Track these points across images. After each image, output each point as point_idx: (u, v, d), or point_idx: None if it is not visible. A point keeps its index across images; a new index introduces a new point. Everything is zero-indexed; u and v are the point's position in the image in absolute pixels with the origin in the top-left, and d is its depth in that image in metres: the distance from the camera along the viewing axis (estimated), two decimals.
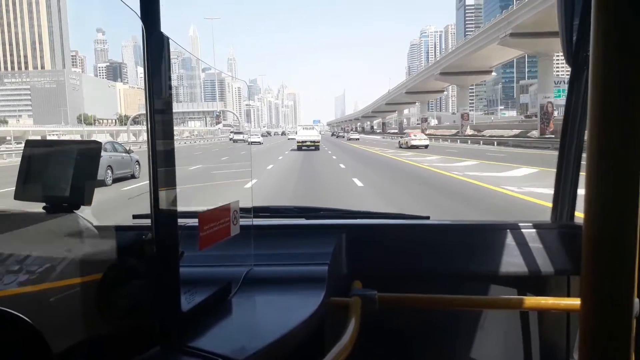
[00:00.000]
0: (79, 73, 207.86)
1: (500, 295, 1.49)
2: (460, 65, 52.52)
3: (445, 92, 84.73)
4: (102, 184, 9.29)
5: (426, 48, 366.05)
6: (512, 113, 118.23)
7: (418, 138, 32.25)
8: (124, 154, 11.65)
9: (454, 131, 60.62)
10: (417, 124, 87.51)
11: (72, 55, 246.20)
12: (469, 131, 54.76)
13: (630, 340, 0.57)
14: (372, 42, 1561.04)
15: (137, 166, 11.52)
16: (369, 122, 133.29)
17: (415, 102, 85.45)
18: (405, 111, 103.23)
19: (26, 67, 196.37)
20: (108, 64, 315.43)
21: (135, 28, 0.71)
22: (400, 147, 31.96)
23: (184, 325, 0.84)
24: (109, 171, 10.16)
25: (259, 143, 40.01)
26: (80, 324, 0.79)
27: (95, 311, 0.79)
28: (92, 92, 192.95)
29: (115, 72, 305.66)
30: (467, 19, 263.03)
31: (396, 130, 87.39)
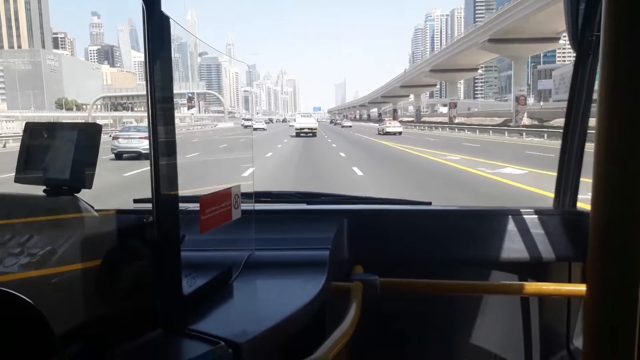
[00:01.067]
0: (59, 54, 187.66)
1: (501, 281, 1.52)
2: (448, 64, 58.50)
3: (437, 86, 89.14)
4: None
5: (431, 33, 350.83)
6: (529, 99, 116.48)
7: (392, 126, 37.41)
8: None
9: (440, 119, 67.42)
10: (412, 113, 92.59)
11: (61, 38, 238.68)
12: (458, 120, 60.22)
13: (636, 328, 0.57)
14: (374, 28, 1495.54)
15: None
16: (365, 111, 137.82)
17: (409, 95, 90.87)
18: (401, 103, 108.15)
19: (0, 47, 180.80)
20: (99, 47, 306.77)
21: (132, 10, 0.55)
22: (379, 134, 35.75)
23: (186, 308, 0.85)
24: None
25: (263, 129, 42.55)
26: (82, 306, 0.80)
27: (96, 293, 0.80)
28: (74, 74, 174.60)
29: (107, 55, 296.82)
30: (477, 2, 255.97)
31: (391, 119, 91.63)
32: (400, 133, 35.32)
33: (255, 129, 39.32)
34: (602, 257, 0.57)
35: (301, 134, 31.95)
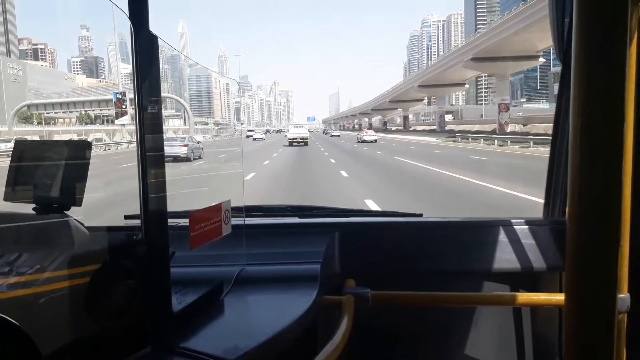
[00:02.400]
0: (23, 62, 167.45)
1: (493, 291, 1.52)
2: (435, 80, 61.24)
3: (424, 100, 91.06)
4: (188, 160, 16.15)
5: (428, 38, 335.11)
6: (540, 105, 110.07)
7: (368, 135, 42.65)
8: (197, 144, 19.46)
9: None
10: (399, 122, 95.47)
11: (41, 49, 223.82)
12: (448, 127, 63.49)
13: (614, 336, 0.58)
14: (369, 37, 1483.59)
15: (202, 151, 19.25)
16: (357, 120, 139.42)
17: (397, 109, 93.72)
18: (390, 115, 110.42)
19: None
20: (83, 58, 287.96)
21: (121, 24, 0.69)
22: (358, 142, 39.59)
23: (175, 325, 0.84)
24: (191, 154, 17.18)
25: (262, 139, 48.38)
26: (70, 325, 0.80)
27: (85, 312, 0.79)
28: (41, 84, 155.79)
29: (90, 66, 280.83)
30: (478, 6, 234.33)
31: (368, 129, 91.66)
32: (375, 141, 39.63)
33: (254, 139, 45.58)
34: (577, 268, 0.58)
35: (294, 144, 33.09)
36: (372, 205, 7.54)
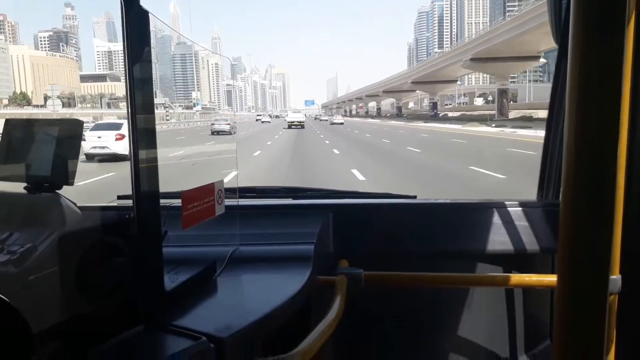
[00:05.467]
0: None
1: (486, 273, 1.55)
2: (429, 77, 59.90)
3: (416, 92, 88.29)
4: (229, 133, 21.79)
5: (440, 14, 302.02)
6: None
7: (337, 119, 57.93)
8: (234, 123, 25.25)
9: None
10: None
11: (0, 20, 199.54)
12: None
13: (605, 317, 0.60)
14: (369, 17, 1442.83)
15: (235, 128, 24.19)
16: (354, 106, 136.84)
17: (391, 98, 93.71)
18: (383, 102, 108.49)
19: None
20: (51, 32, 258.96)
21: (109, 3, 0.68)
22: (330, 124, 53.94)
23: (168, 304, 0.87)
24: (233, 129, 22.24)
25: (269, 122, 63.54)
26: (61, 303, 0.81)
27: (76, 290, 0.80)
28: None
29: (59, 41, 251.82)
30: None
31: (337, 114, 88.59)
32: (342, 123, 51.91)
33: (262, 122, 61.76)
34: (570, 248, 0.59)
35: (292, 126, 41.01)
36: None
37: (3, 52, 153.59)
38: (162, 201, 0.86)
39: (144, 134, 0.79)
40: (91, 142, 11.15)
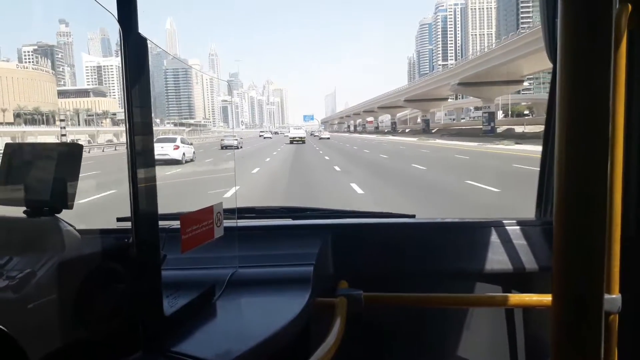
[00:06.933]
0: None
1: (486, 292, 1.54)
2: (421, 96, 64.50)
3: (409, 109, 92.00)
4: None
5: (444, 26, 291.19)
6: None
7: (324, 134, 64.97)
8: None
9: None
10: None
11: None
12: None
13: (601, 337, 0.59)
14: (369, 33, 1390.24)
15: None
16: (352, 122, 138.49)
17: (387, 114, 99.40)
18: (380, 117, 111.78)
19: None
20: (36, 46, 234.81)
21: (104, 21, 0.87)
22: (319, 139, 57.61)
23: (167, 329, 0.85)
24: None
25: (270, 138, 70.34)
26: (60, 330, 0.80)
27: (75, 316, 0.80)
28: None
29: (45, 56, 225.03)
30: None
31: (322, 130, 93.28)
32: (328, 138, 58.69)
33: (264, 138, 66.97)
34: (564, 267, 0.59)
35: (293, 142, 44.68)
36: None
37: None
38: (161, 223, 0.85)
39: (142, 156, 0.79)
40: (156, 150, 14.63)
